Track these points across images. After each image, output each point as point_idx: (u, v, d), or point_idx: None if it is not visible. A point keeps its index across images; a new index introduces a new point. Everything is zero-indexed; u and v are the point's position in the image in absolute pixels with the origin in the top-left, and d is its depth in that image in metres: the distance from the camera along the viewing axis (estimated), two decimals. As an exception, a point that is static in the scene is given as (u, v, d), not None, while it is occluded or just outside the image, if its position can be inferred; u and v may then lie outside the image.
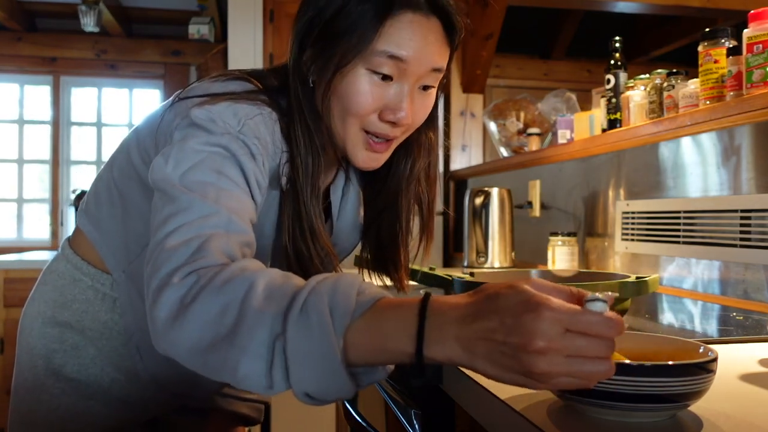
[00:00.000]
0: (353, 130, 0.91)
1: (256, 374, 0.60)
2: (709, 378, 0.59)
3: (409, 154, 1.02)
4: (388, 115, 0.89)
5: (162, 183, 0.77)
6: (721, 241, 1.42)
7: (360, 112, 0.89)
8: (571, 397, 0.60)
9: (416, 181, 1.04)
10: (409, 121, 0.91)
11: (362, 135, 0.91)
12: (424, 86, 0.93)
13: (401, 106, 0.89)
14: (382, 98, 0.89)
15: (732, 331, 1.08)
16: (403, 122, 0.90)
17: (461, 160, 3.56)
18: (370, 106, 0.89)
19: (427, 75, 0.91)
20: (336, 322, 0.59)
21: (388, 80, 0.89)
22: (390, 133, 0.91)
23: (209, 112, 0.83)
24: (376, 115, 0.90)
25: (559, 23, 4.81)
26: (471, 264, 2.23)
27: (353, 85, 0.88)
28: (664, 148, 1.63)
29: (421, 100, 0.93)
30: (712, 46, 1.49)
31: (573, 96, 2.80)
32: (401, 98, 0.89)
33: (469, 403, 0.78)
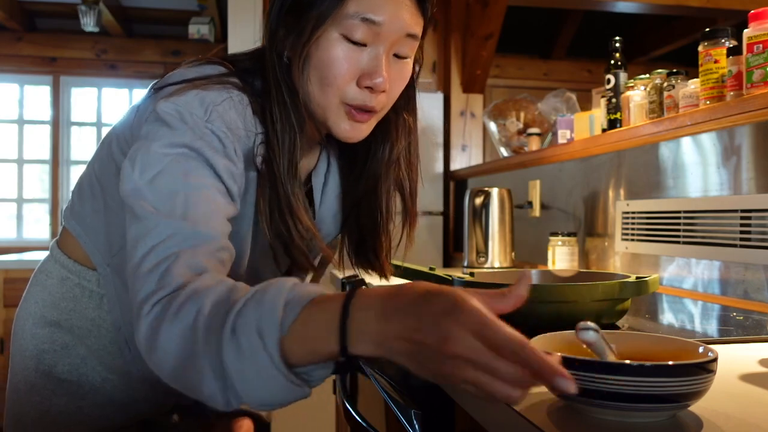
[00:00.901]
0: (333, 102, 0.89)
1: (215, 395, 0.64)
2: (709, 378, 0.59)
3: (387, 137, 1.02)
4: (365, 80, 0.88)
5: (130, 198, 0.78)
6: (721, 241, 1.42)
7: (337, 80, 0.88)
8: (572, 397, 0.60)
9: (396, 166, 1.03)
10: (386, 86, 0.89)
11: (343, 107, 0.90)
12: (399, 55, 0.92)
13: (378, 70, 0.88)
14: (357, 64, 0.88)
15: (732, 331, 1.08)
16: (381, 87, 0.88)
17: (461, 160, 3.56)
18: (346, 73, 0.88)
19: (401, 41, 0.90)
20: (267, 340, 0.61)
21: (362, 46, 0.88)
22: (369, 102, 0.90)
23: (176, 104, 0.83)
24: (354, 83, 0.88)
25: (559, 23, 4.81)
26: (471, 264, 2.23)
27: (327, 52, 0.87)
28: (664, 148, 1.63)
29: (398, 68, 0.92)
30: (712, 46, 1.49)
31: (573, 96, 2.80)
32: (377, 63, 0.88)
33: (469, 403, 0.78)
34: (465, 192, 2.35)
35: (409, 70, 0.95)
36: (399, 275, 1.27)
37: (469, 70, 3.53)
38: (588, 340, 0.61)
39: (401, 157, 1.04)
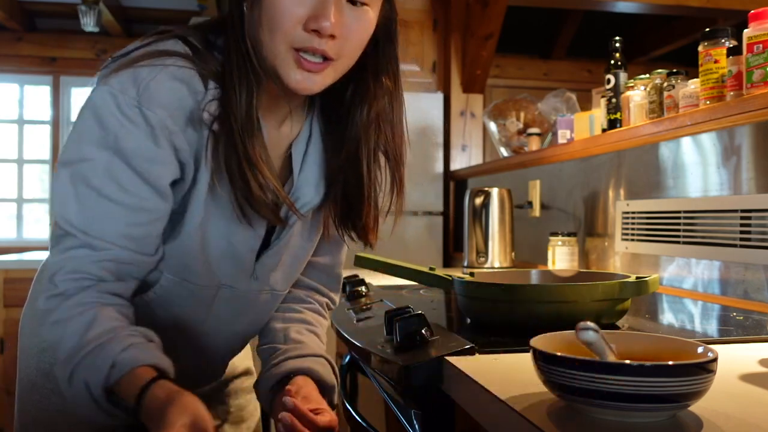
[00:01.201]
0: (282, 48, 0.85)
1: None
2: (709, 378, 0.59)
3: (364, 98, 0.97)
4: (311, 23, 0.84)
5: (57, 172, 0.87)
6: (721, 241, 1.42)
7: (283, 23, 0.84)
8: (571, 397, 0.60)
9: (375, 127, 0.98)
10: (336, 32, 0.85)
11: (292, 53, 0.86)
12: (353, 1, 0.87)
13: (324, 13, 0.83)
14: (304, 6, 0.84)
15: (732, 331, 1.08)
16: (327, 30, 0.83)
17: (461, 160, 3.56)
18: (292, 15, 0.84)
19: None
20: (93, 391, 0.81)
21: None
22: (317, 46, 0.85)
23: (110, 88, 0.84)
24: (300, 26, 0.84)
25: (559, 23, 4.81)
26: (471, 264, 2.23)
27: None
28: (664, 148, 1.63)
29: (353, 15, 0.87)
30: (712, 46, 1.49)
31: (573, 96, 2.80)
32: (324, 5, 0.84)
33: (469, 403, 0.78)
34: (465, 192, 2.35)
35: (369, 19, 0.89)
36: (399, 275, 1.28)
37: (469, 70, 3.53)
38: (588, 340, 0.61)
39: (382, 119, 0.98)
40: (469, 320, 1.15)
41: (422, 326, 0.95)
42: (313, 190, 0.99)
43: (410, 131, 1.06)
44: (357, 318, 1.27)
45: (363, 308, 1.37)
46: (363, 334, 1.12)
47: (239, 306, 1.03)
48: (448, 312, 1.34)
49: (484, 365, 0.83)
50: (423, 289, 1.62)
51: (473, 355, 0.88)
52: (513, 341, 0.94)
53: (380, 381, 1.10)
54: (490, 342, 0.95)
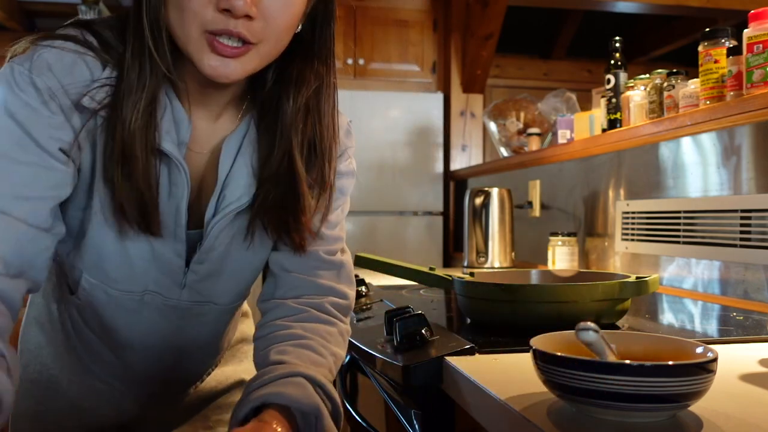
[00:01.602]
0: (193, 31, 0.77)
1: None
2: (709, 378, 0.59)
3: (291, 85, 0.88)
4: (222, 2, 0.74)
5: None
6: (721, 241, 1.42)
7: (191, 2, 0.75)
8: (571, 397, 0.60)
9: (305, 118, 0.88)
10: (251, 11, 0.75)
11: (205, 36, 0.77)
12: None
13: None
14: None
15: (732, 331, 1.08)
16: (241, 9, 0.74)
17: (461, 160, 3.56)
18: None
19: None
20: None
21: None
22: (232, 28, 0.76)
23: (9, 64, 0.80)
24: (212, 6, 0.75)
25: (559, 23, 4.81)
26: (471, 264, 2.23)
27: None
28: (664, 148, 1.63)
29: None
30: (712, 46, 1.49)
31: (573, 96, 2.80)
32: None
33: (469, 403, 0.78)
34: (465, 192, 2.35)
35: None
36: (399, 275, 1.28)
37: (469, 70, 3.53)
38: (588, 340, 0.61)
39: (310, 109, 0.88)
40: (469, 320, 1.15)
41: (422, 326, 0.95)
42: (241, 190, 0.88)
43: (410, 131, 1.03)
44: (357, 318, 1.27)
45: (363, 308, 1.37)
46: (363, 334, 1.12)
47: (176, 318, 0.94)
48: (448, 312, 1.34)
49: (484, 365, 0.83)
50: (423, 289, 1.62)
51: (473, 355, 0.88)
52: (513, 341, 0.94)
53: (380, 381, 1.10)
54: (490, 342, 0.95)
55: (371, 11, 3.58)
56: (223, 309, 0.98)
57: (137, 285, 0.89)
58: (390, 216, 3.43)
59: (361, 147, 4.12)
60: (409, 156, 3.45)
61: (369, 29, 3.58)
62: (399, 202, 3.44)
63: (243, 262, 0.93)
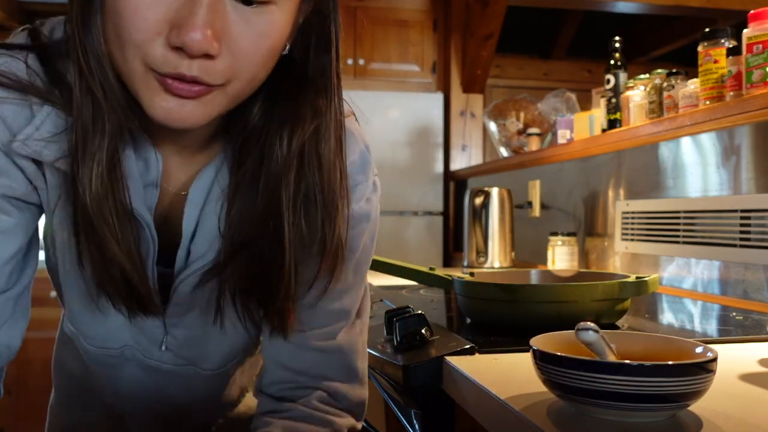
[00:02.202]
0: (137, 67, 0.58)
1: None
2: (709, 378, 0.59)
3: (285, 123, 0.67)
4: (172, 36, 0.56)
5: None
6: (721, 241, 1.42)
7: (132, 34, 0.56)
8: (571, 397, 0.60)
9: (300, 165, 0.68)
10: (212, 48, 0.56)
11: (152, 74, 0.58)
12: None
13: (191, 21, 0.55)
14: (163, 10, 0.56)
15: (732, 331, 1.08)
16: (198, 48, 0.55)
17: (461, 160, 3.56)
18: (143, 24, 0.56)
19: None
20: None
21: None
22: (186, 70, 0.57)
23: None
24: (160, 39, 0.57)
25: (559, 23, 4.81)
26: (471, 264, 2.23)
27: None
28: (664, 148, 1.63)
29: (246, 18, 0.58)
30: (712, 46, 1.49)
31: (573, 96, 2.81)
32: (191, 8, 0.55)
33: (469, 403, 0.78)
34: (465, 192, 2.35)
35: (274, 22, 0.60)
36: (399, 275, 1.28)
37: (469, 70, 3.53)
38: (588, 340, 0.61)
39: (308, 152, 0.68)
40: (469, 320, 1.15)
41: (422, 326, 0.95)
42: (206, 245, 0.72)
43: (410, 131, 0.98)
44: (357, 318, 1.27)
45: (363, 308, 1.37)
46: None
47: (161, 378, 0.83)
48: (448, 312, 1.34)
49: (484, 365, 0.83)
50: (423, 289, 1.62)
51: (473, 355, 0.89)
52: (513, 341, 0.94)
53: (380, 381, 1.10)
54: (490, 342, 0.95)
55: (371, 11, 3.58)
56: (213, 374, 0.84)
57: (115, 342, 0.80)
58: (390, 216, 3.43)
59: (361, 147, 4.01)
60: (409, 156, 3.45)
61: (369, 29, 3.58)
62: (399, 202, 3.44)
63: (231, 333, 0.77)
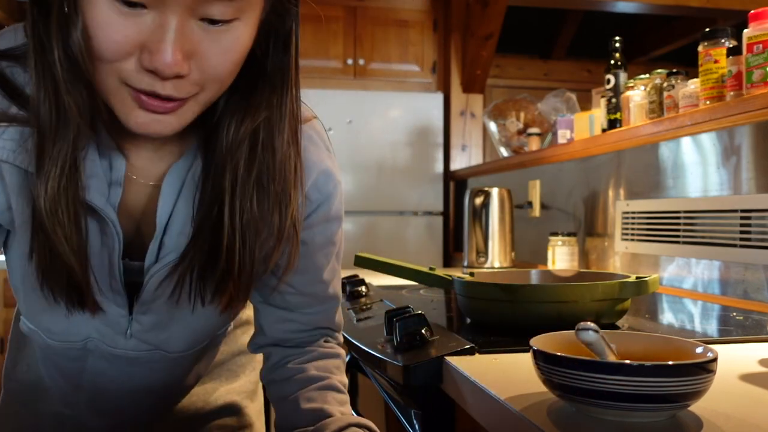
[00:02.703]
0: (112, 82, 0.62)
1: None
2: (709, 378, 0.59)
3: (235, 112, 0.71)
4: (144, 59, 0.60)
5: None
6: (721, 241, 1.42)
7: (105, 55, 0.60)
8: (571, 397, 0.60)
9: (250, 152, 0.71)
10: (182, 69, 0.60)
11: (126, 90, 0.62)
12: (212, 18, 0.61)
13: (161, 46, 0.59)
14: (133, 33, 0.59)
15: (732, 331, 1.08)
16: (169, 70, 0.59)
17: (461, 160, 3.56)
18: (115, 46, 0.59)
19: (206, 3, 0.60)
20: None
21: (139, 8, 0.59)
22: (160, 91, 0.61)
23: None
24: (133, 59, 0.60)
25: (559, 23, 4.81)
26: (471, 264, 2.23)
27: (91, 15, 0.59)
28: (664, 148, 1.63)
29: (212, 38, 0.62)
30: (712, 46, 1.49)
31: (573, 96, 2.81)
32: (162, 34, 0.59)
33: (469, 403, 0.78)
34: (465, 192, 2.35)
35: (238, 37, 0.63)
36: (399, 275, 1.28)
37: (469, 70, 3.53)
38: (588, 340, 0.61)
39: (258, 141, 0.71)
40: (469, 320, 1.15)
41: (422, 326, 0.95)
42: (182, 237, 0.74)
43: (410, 131, 0.98)
44: (357, 318, 1.27)
45: (363, 308, 1.37)
46: (363, 334, 1.12)
47: (125, 365, 0.84)
48: (448, 312, 1.34)
49: (484, 365, 0.83)
50: (423, 289, 1.62)
51: (473, 355, 0.88)
52: (513, 341, 0.94)
53: (380, 381, 1.10)
54: (490, 342, 0.95)
55: (371, 11, 3.58)
56: (179, 356, 0.86)
57: (77, 336, 0.80)
58: (390, 216, 3.43)
59: (361, 147, 4.11)
60: (409, 156, 3.45)
61: (369, 29, 3.58)
62: (399, 202, 3.44)
63: (198, 313, 0.79)
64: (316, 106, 0.86)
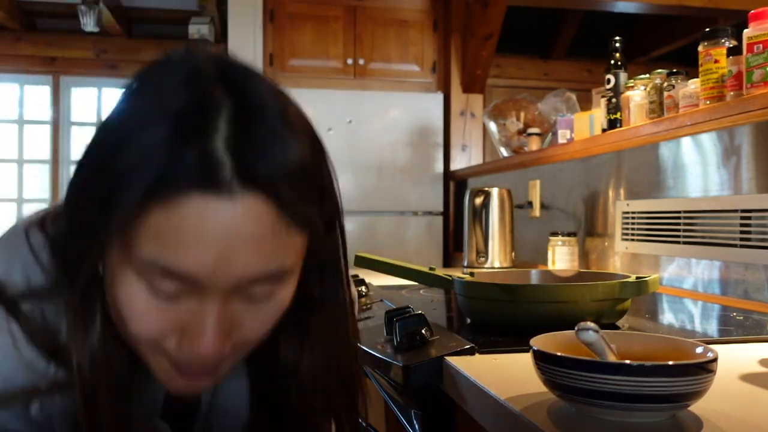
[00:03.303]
0: (148, 352, 0.60)
1: None
2: (709, 378, 0.59)
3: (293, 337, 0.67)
4: (185, 344, 0.57)
5: None
6: (722, 241, 1.42)
7: (141, 335, 0.58)
8: (571, 397, 0.60)
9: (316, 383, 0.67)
10: (222, 351, 0.58)
11: (164, 359, 0.60)
12: (251, 296, 0.58)
13: (203, 333, 0.56)
14: (174, 320, 0.57)
15: (732, 331, 1.08)
16: (210, 355, 0.57)
17: (461, 160, 3.56)
18: (153, 332, 0.57)
19: (247, 286, 0.57)
20: None
21: (176, 298, 0.56)
22: (202, 364, 0.59)
23: None
24: (172, 339, 0.58)
25: (559, 23, 4.81)
26: (471, 264, 2.23)
27: (125, 298, 0.57)
28: (664, 148, 1.63)
29: (254, 311, 0.59)
30: (713, 46, 1.49)
31: (573, 96, 2.80)
32: (202, 321, 0.57)
33: (469, 403, 0.78)
34: (465, 192, 2.35)
35: (282, 300, 0.61)
36: (399, 275, 1.27)
37: (469, 70, 3.53)
38: (588, 340, 0.61)
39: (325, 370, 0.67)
40: (469, 320, 1.15)
41: (422, 326, 0.95)
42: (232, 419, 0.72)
43: (410, 131, 0.98)
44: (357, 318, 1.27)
45: (363, 308, 1.37)
46: (363, 334, 1.12)
47: None
48: (448, 312, 1.34)
49: (484, 365, 0.83)
50: (423, 289, 1.62)
51: (473, 355, 0.88)
52: (513, 341, 0.94)
53: (380, 381, 1.09)
54: (490, 342, 0.95)
55: (371, 11, 3.58)
56: None
57: None
58: (390, 216, 3.43)
59: (361, 147, 4.11)
60: (409, 156, 3.45)
61: (369, 29, 3.58)
62: (399, 202, 3.44)
63: None
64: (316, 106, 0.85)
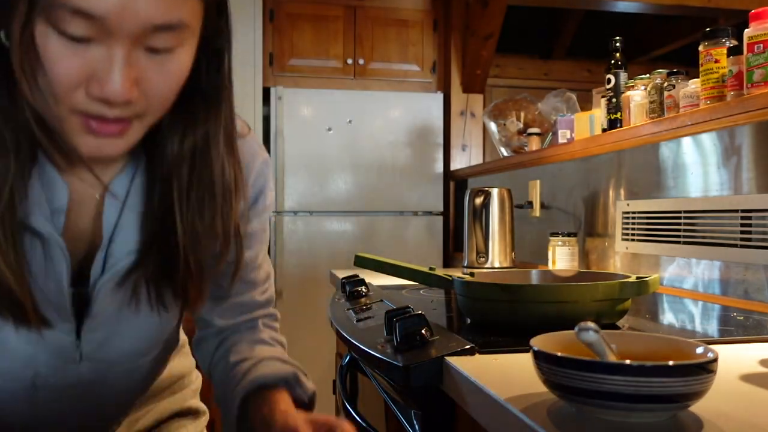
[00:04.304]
0: (61, 111, 0.66)
1: None
2: (710, 378, 0.59)
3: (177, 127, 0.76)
4: (94, 89, 0.64)
5: None
6: (722, 241, 1.42)
7: (55, 86, 0.64)
8: (571, 397, 0.60)
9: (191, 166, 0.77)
10: (129, 96, 0.65)
11: (76, 118, 0.66)
12: (155, 48, 0.66)
13: (110, 76, 0.63)
14: (80, 65, 0.63)
15: (732, 332, 1.08)
16: (119, 98, 0.64)
17: (461, 160, 3.56)
18: (65, 78, 0.63)
19: (150, 35, 0.65)
20: None
21: (85, 42, 0.63)
22: (108, 113, 0.66)
23: None
24: (81, 90, 0.65)
25: (559, 23, 4.81)
26: (471, 264, 2.22)
27: (41, 50, 0.63)
28: (665, 148, 1.63)
29: (156, 65, 0.67)
30: (713, 46, 1.49)
31: (573, 96, 2.80)
32: (110, 65, 0.64)
33: (469, 403, 0.78)
34: (465, 192, 2.35)
35: (180, 62, 0.69)
36: (399, 275, 1.27)
37: (469, 70, 3.53)
38: (588, 340, 0.61)
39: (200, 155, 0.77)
40: (469, 320, 1.14)
41: (422, 326, 0.95)
42: (129, 246, 0.78)
43: (410, 131, 0.99)
44: (357, 318, 1.27)
45: (363, 308, 1.37)
46: (363, 334, 1.12)
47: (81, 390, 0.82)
48: (448, 312, 1.34)
49: (484, 365, 0.83)
50: (423, 289, 1.62)
51: (473, 355, 0.88)
52: (513, 341, 0.94)
53: (380, 381, 1.09)
54: (490, 342, 0.95)
55: (371, 11, 3.58)
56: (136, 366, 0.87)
57: (23, 374, 0.77)
58: (390, 216, 3.43)
59: (361, 147, 4.11)
60: (409, 156, 3.45)
61: (369, 29, 3.58)
62: (399, 202, 3.44)
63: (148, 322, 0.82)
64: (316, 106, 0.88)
